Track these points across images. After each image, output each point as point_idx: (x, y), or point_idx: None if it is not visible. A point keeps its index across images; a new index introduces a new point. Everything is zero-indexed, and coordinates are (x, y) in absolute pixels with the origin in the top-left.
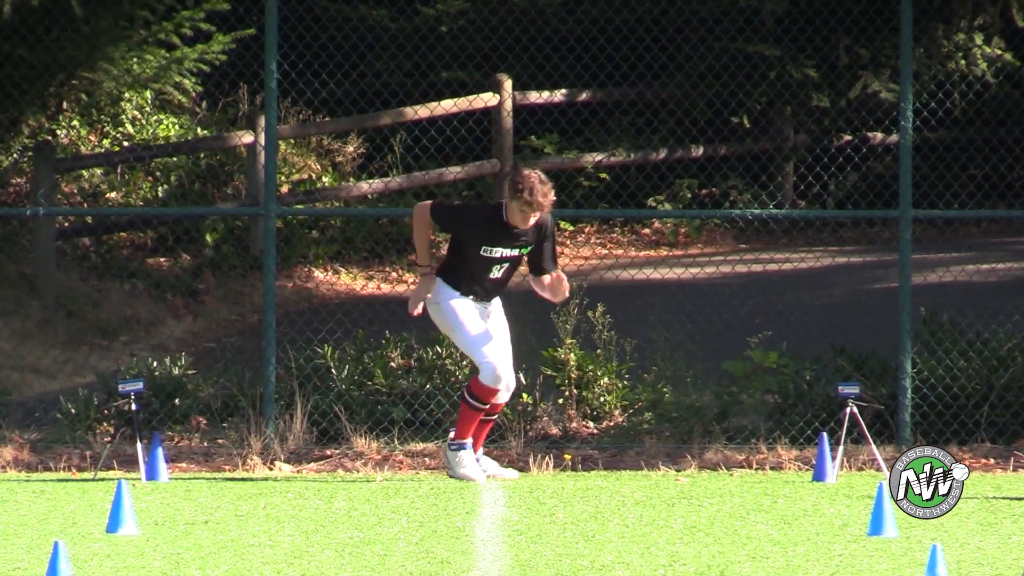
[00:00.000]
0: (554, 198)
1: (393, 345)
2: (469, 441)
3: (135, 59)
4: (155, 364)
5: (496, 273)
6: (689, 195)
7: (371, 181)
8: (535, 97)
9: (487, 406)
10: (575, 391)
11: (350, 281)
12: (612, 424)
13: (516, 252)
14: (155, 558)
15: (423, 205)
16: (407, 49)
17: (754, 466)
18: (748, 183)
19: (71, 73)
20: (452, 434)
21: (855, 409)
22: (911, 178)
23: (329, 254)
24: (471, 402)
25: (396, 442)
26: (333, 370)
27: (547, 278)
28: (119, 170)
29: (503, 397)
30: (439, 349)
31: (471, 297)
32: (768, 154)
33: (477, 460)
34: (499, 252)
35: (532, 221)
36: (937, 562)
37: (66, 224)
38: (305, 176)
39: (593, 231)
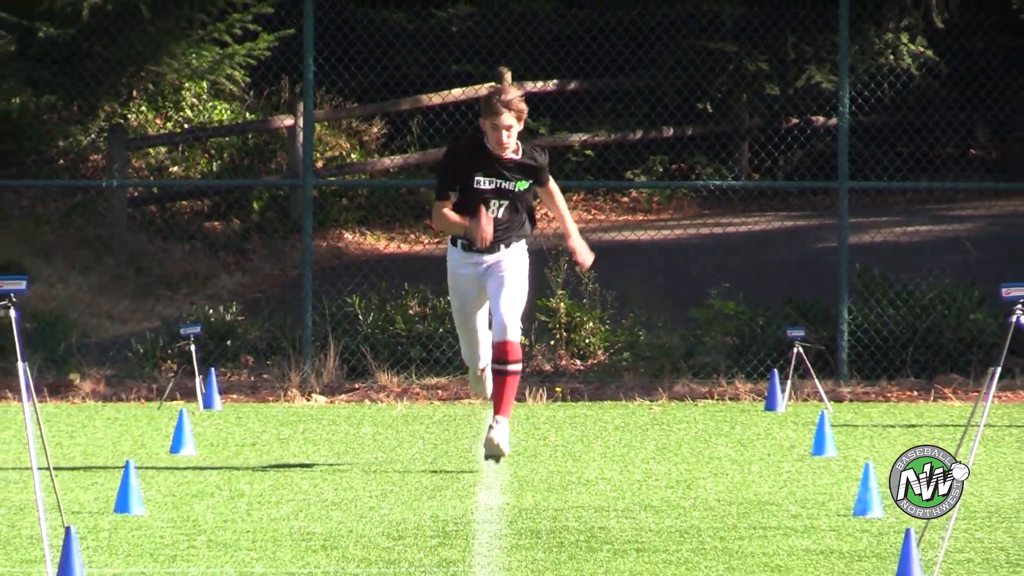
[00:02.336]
0: (522, 104)
1: (411, 295)
2: (502, 419)
3: (194, 55)
4: (210, 311)
5: (494, 211)
6: (661, 169)
7: (392, 157)
8: (531, 86)
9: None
10: (565, 334)
11: (375, 242)
12: (596, 362)
13: (511, 186)
14: (211, 475)
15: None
16: (423, 46)
17: (715, 397)
18: (710, 159)
19: (140, 66)
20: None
21: (801, 349)
22: (848, 155)
23: (357, 219)
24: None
25: (414, 377)
26: (360, 316)
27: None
28: (180, 148)
29: (498, 334)
30: (450, 299)
31: (473, 250)
32: (727, 134)
33: (496, 424)
34: (492, 183)
35: (507, 137)
36: (869, 477)
37: (135, 194)
38: (337, 153)
39: (580, 199)
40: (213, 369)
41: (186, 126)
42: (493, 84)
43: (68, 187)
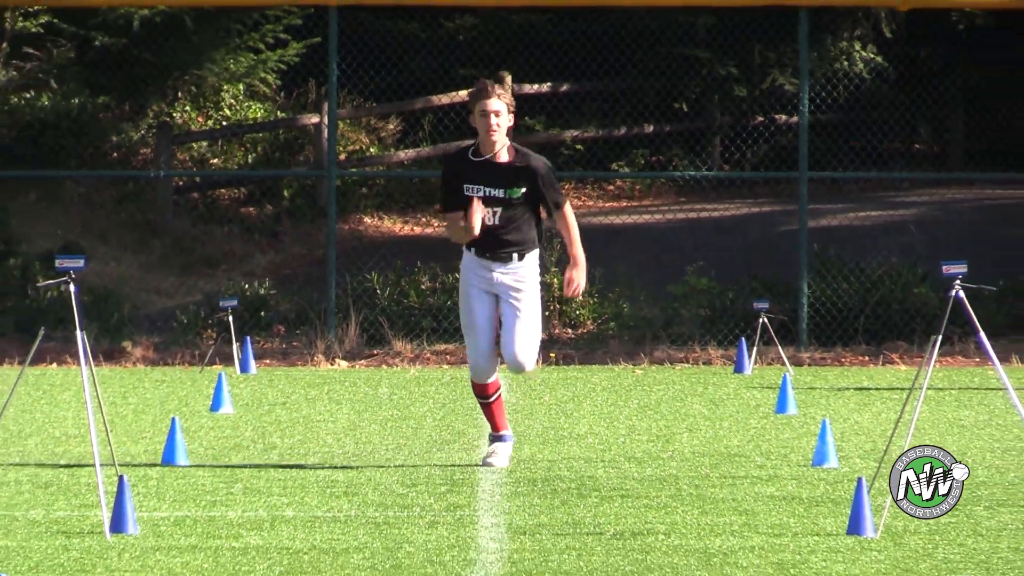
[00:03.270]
0: (507, 94)
1: (423, 272)
2: (506, 432)
3: (231, 61)
4: (246, 286)
5: (489, 219)
6: (642, 161)
7: (407, 151)
8: (528, 88)
9: (489, 398)
10: (558, 306)
11: (391, 225)
12: (585, 331)
13: (502, 193)
14: (246, 430)
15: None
16: (433, 52)
17: (690, 362)
18: (686, 152)
19: (184, 71)
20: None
21: (766, 320)
22: (807, 148)
23: (375, 205)
24: (477, 399)
25: (425, 344)
26: (378, 291)
27: (560, 225)
28: (219, 143)
29: (514, 370)
30: (458, 275)
31: (485, 256)
32: (701, 130)
33: (502, 439)
34: (481, 190)
35: (495, 123)
36: (826, 432)
37: (180, 183)
38: (357, 147)
39: (571, 188)
40: (248, 337)
41: (224, 123)
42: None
43: (121, 177)
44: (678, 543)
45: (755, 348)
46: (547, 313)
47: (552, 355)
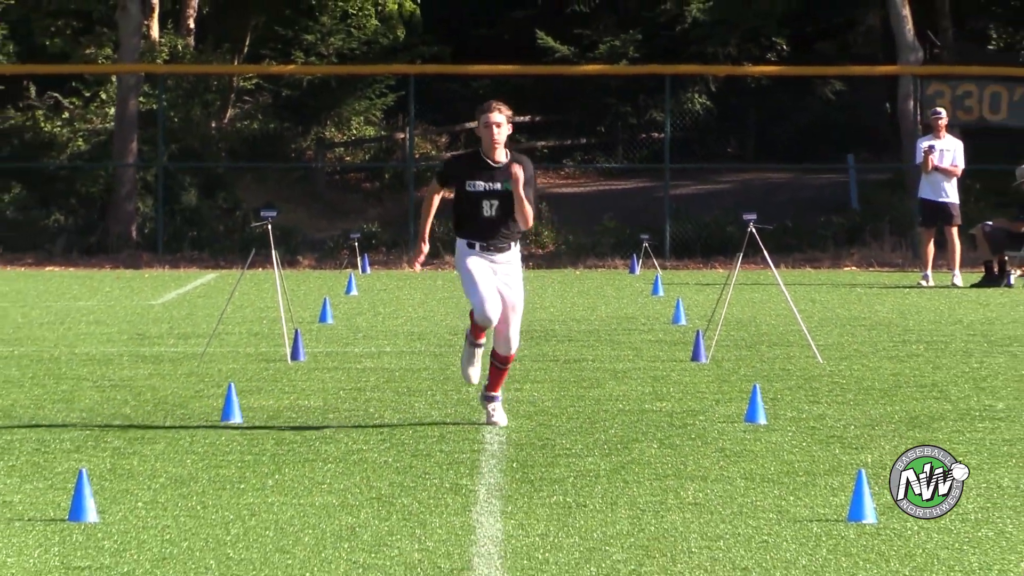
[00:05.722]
0: (506, 110)
1: None
2: (497, 393)
3: (356, 103)
4: (364, 226)
5: (487, 211)
6: (579, 158)
7: (453, 152)
8: (518, 118)
9: (478, 344)
10: (533, 236)
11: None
12: (547, 250)
13: (499, 187)
14: (365, 303)
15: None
16: (466, 99)
17: (606, 268)
18: (604, 153)
19: (331, 110)
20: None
21: (647, 245)
22: (670, 151)
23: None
24: (469, 344)
25: None
26: (436, 228)
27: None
28: (349, 148)
29: (503, 349)
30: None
31: (478, 246)
32: (612, 142)
33: (493, 399)
34: (480, 185)
35: (496, 132)
36: (680, 305)
37: (328, 170)
38: (425, 151)
39: (540, 172)
40: (366, 254)
41: (352, 138)
42: None
43: (296, 167)
44: (598, 365)
45: (640, 260)
46: (528, 240)
47: (529, 264)
